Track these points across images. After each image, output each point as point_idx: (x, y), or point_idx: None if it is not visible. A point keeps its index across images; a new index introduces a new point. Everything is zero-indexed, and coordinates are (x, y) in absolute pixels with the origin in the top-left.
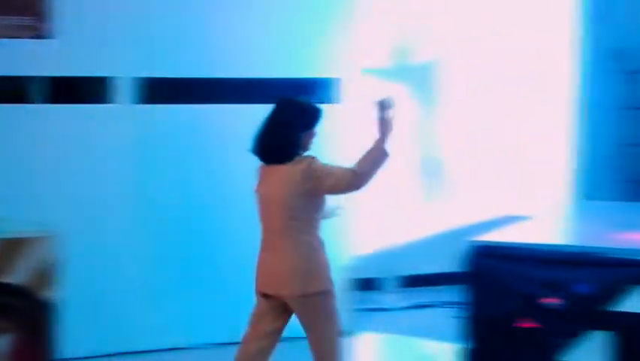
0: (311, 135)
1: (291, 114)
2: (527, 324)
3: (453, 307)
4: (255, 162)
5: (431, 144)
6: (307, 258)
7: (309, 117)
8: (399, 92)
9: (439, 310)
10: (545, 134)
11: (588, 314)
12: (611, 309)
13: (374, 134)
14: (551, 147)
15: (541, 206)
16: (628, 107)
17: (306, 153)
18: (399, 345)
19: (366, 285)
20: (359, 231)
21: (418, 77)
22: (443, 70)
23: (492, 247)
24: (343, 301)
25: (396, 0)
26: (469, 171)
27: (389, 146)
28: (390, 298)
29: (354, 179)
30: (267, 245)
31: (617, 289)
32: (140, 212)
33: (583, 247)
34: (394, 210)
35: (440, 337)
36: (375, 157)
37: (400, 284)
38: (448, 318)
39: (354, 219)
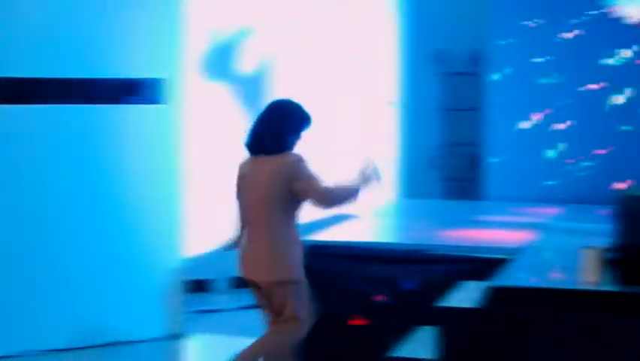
0: (298, 138)
1: (283, 113)
2: (358, 321)
3: None
4: (84, 163)
5: None
6: (284, 247)
7: (299, 120)
8: (226, 94)
9: None
10: (370, 134)
11: (415, 310)
12: (435, 304)
13: (355, 177)
14: (376, 147)
15: (368, 205)
16: (448, 109)
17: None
18: (231, 346)
19: (197, 286)
20: (189, 232)
21: (246, 78)
22: (270, 71)
23: (322, 246)
24: (174, 303)
25: (226, 0)
26: None
27: (361, 193)
28: (221, 299)
29: (325, 196)
30: (249, 235)
31: (442, 285)
32: None
33: (408, 244)
34: (224, 211)
35: None
36: (349, 192)
37: (231, 285)
38: None
39: (184, 221)
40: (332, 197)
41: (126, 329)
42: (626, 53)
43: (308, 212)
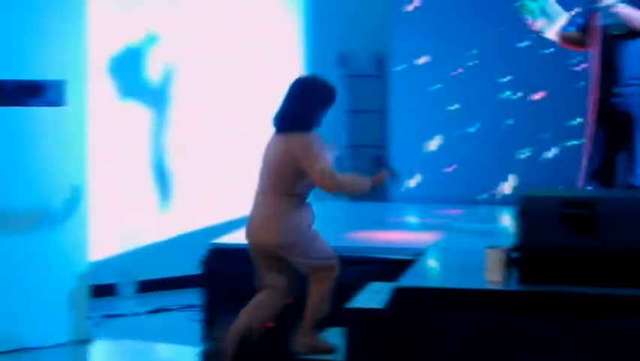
0: (324, 112)
1: (307, 91)
2: (266, 324)
3: (193, 311)
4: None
5: (163, 147)
6: (287, 212)
7: (323, 96)
8: (130, 97)
9: (179, 313)
10: None
11: None
12: (343, 306)
13: (373, 177)
14: None
15: None
16: (353, 110)
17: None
18: (138, 351)
19: (103, 291)
20: (94, 235)
21: (149, 80)
22: (173, 74)
23: (227, 248)
24: (80, 308)
25: (127, 1)
26: (204, 174)
27: (371, 188)
28: (127, 303)
29: (327, 179)
30: (255, 202)
31: (349, 286)
32: None
33: None
34: (130, 214)
35: (181, 340)
36: (358, 185)
37: (137, 289)
38: (188, 321)
39: (90, 224)
40: (335, 184)
41: (31, 334)
42: None
43: (213, 215)
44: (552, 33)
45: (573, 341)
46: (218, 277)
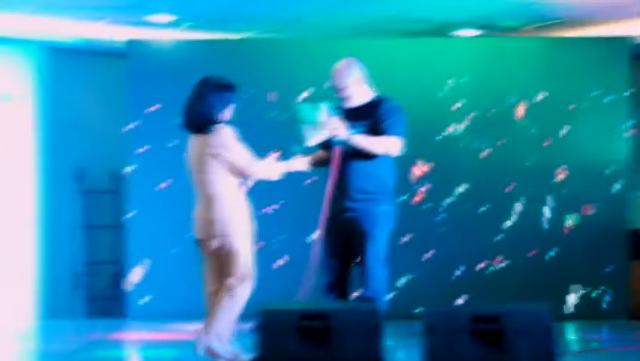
0: (229, 109)
1: (209, 91)
2: None
3: None
4: None
5: None
6: (221, 207)
7: (225, 93)
8: None
9: None
10: (7, 252)
11: None
12: None
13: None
14: (12, 266)
15: (4, 327)
16: (89, 226)
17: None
18: None
19: None
20: None
21: None
22: None
23: None
24: None
25: None
26: None
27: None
28: None
29: (249, 167)
30: (196, 197)
31: None
32: None
33: None
34: None
35: None
36: (272, 170)
37: None
38: None
39: None
40: (255, 172)
41: None
42: None
43: None
44: (313, 141)
45: None
46: None
